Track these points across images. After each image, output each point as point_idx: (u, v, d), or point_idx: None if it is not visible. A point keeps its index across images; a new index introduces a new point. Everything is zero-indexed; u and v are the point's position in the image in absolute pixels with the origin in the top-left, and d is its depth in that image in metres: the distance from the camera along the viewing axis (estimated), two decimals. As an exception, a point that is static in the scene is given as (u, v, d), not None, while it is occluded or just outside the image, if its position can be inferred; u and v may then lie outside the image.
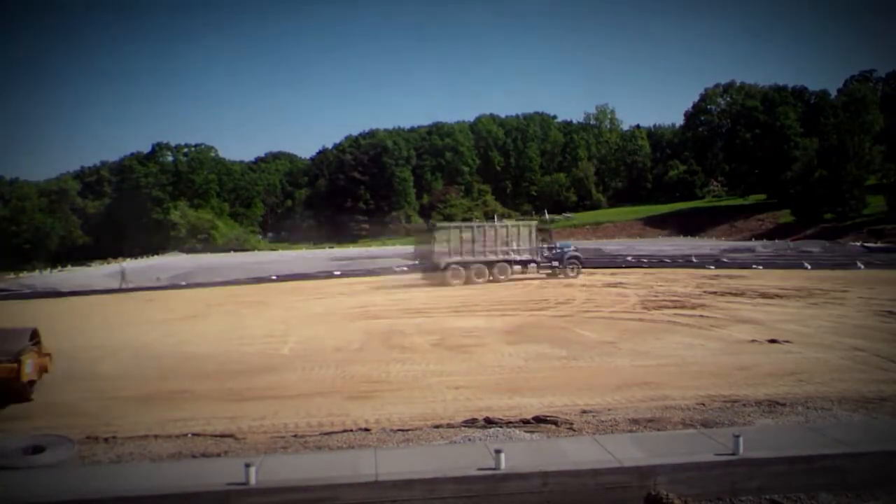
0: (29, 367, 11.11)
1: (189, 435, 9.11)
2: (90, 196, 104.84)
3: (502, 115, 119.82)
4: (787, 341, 14.78)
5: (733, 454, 6.63)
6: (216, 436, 9.00)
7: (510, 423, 8.97)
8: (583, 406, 9.88)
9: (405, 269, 38.84)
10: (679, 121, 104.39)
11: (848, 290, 24.48)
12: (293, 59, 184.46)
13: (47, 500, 6.27)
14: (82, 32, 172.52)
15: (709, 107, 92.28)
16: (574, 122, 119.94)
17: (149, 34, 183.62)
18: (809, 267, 34.15)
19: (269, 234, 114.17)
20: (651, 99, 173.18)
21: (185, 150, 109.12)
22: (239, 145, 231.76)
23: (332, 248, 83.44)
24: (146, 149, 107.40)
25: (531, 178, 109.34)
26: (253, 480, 6.25)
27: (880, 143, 65.65)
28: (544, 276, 32.57)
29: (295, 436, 8.88)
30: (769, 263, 36.43)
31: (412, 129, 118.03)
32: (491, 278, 31.01)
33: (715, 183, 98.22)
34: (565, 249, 34.05)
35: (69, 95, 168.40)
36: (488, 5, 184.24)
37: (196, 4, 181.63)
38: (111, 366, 14.69)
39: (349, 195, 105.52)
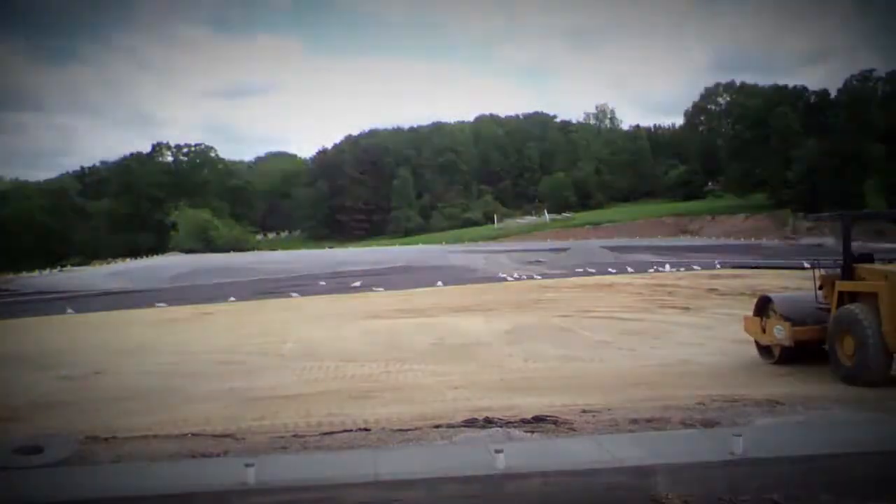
0: None
1: (189, 435, 9.09)
2: (90, 196, 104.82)
3: (502, 116, 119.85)
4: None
5: (733, 454, 6.63)
6: (216, 436, 8.98)
7: (510, 422, 8.95)
8: (583, 406, 9.86)
9: None
10: (679, 121, 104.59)
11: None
12: (293, 58, 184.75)
13: (47, 500, 6.27)
14: (82, 30, 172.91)
15: (709, 106, 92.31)
16: (574, 122, 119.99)
17: (149, 33, 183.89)
18: (808, 266, 34.05)
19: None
20: (651, 99, 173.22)
21: (185, 150, 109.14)
22: (239, 145, 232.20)
23: (331, 247, 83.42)
24: (146, 149, 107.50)
25: (531, 178, 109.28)
26: (253, 480, 6.25)
27: (880, 142, 65.63)
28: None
29: (295, 436, 8.87)
30: (769, 264, 36.42)
31: (412, 129, 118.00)
32: None
33: (714, 183, 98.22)
34: None
35: (69, 93, 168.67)
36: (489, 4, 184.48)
37: (196, 3, 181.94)
38: (111, 365, 14.69)
39: (349, 195, 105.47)
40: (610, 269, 36.82)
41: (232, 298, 29.08)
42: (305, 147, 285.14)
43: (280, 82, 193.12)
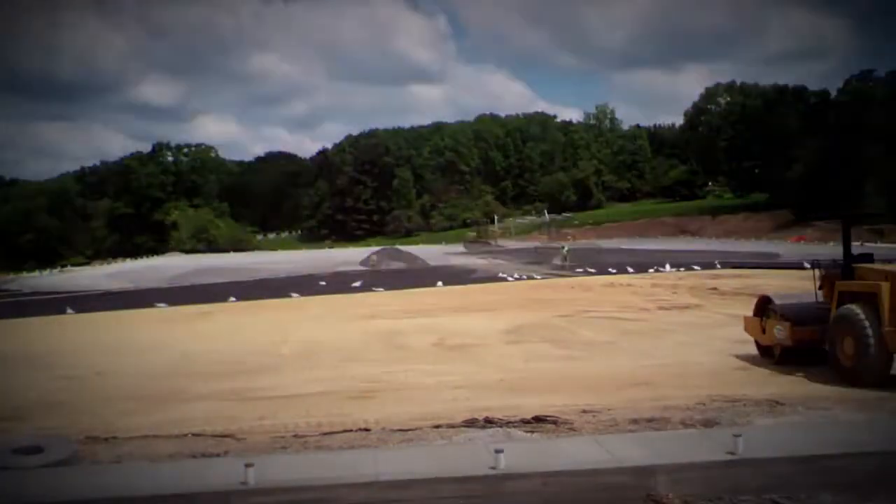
0: None
1: (189, 435, 9.09)
2: (90, 196, 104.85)
3: (502, 115, 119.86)
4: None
5: (733, 454, 6.62)
6: (216, 436, 8.98)
7: (510, 422, 8.95)
8: (583, 406, 9.86)
9: None
10: (679, 121, 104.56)
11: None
12: (293, 57, 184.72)
13: (47, 501, 6.27)
14: (82, 28, 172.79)
15: (709, 106, 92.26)
16: (574, 121, 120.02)
17: (148, 32, 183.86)
18: (808, 266, 34.02)
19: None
20: (651, 99, 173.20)
21: (186, 150, 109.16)
22: (239, 145, 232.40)
23: (331, 247, 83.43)
24: (146, 149, 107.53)
25: (531, 178, 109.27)
26: (253, 480, 6.24)
27: (880, 143, 65.58)
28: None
29: (295, 436, 8.87)
30: (769, 264, 36.41)
31: (412, 129, 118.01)
32: None
33: (712, 184, 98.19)
34: None
35: (69, 93, 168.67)
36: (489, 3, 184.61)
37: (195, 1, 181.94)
38: (111, 365, 14.69)
39: (349, 195, 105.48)
40: (610, 269, 36.83)
41: (232, 298, 29.09)
42: (305, 147, 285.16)
43: (280, 80, 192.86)
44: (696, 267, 35.97)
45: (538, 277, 35.09)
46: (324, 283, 35.72)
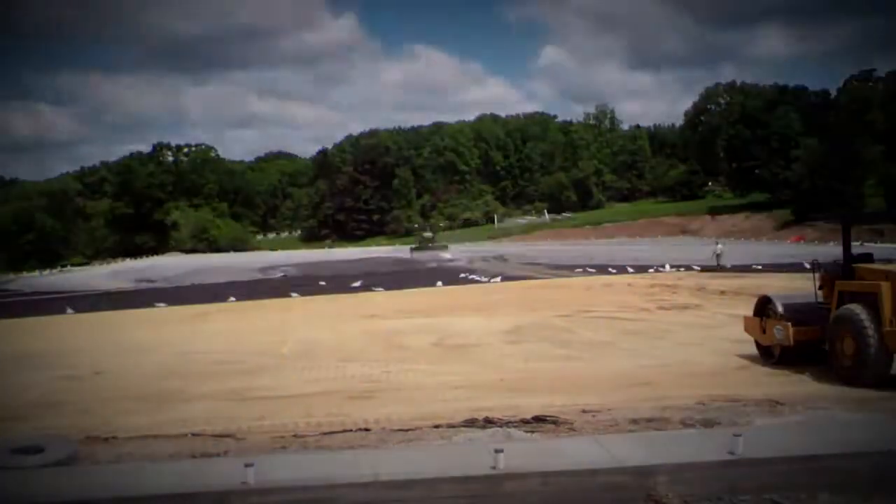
0: None
1: (189, 435, 9.09)
2: (90, 196, 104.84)
3: (502, 115, 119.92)
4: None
5: (733, 454, 6.62)
6: (216, 436, 8.98)
7: (510, 422, 8.95)
8: (583, 406, 9.86)
9: None
10: (679, 121, 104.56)
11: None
12: (293, 57, 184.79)
13: (47, 500, 6.27)
14: (82, 29, 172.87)
15: (709, 106, 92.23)
16: (574, 121, 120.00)
17: (148, 32, 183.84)
18: (809, 266, 33.97)
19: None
20: (651, 99, 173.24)
21: (186, 150, 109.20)
22: (239, 145, 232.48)
23: (331, 247, 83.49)
24: (146, 149, 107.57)
25: (531, 178, 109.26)
26: (253, 480, 6.24)
27: (880, 143, 65.59)
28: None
29: (295, 436, 8.87)
30: (769, 264, 36.39)
31: (412, 129, 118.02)
32: None
33: (711, 184, 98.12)
34: None
35: (69, 93, 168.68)
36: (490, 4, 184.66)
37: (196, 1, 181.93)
38: (111, 365, 14.69)
39: (349, 195, 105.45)
40: (610, 269, 36.83)
41: (232, 298, 29.08)
42: (305, 147, 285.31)
43: (280, 80, 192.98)
44: (696, 267, 35.95)
45: (537, 277, 35.09)
46: (323, 283, 35.72)
